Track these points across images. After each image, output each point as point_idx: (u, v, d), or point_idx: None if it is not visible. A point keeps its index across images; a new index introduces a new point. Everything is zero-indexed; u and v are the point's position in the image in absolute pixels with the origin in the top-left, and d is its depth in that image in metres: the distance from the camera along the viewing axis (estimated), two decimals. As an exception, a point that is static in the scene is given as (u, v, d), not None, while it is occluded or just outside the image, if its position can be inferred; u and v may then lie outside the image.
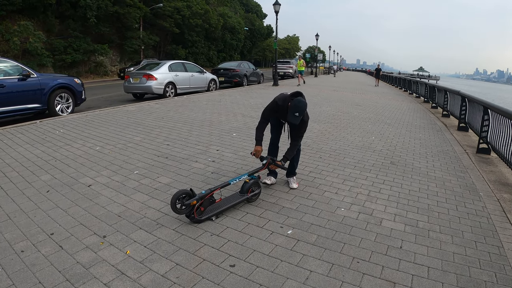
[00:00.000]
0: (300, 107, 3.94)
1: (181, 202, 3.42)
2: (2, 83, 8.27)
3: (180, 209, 3.43)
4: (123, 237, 3.24)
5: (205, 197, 3.51)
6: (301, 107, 3.94)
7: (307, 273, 2.77)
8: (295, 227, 3.52)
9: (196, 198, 3.44)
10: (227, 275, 2.71)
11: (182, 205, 3.43)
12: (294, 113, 3.91)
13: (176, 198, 3.36)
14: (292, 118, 3.93)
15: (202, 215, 3.52)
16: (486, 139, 7.28)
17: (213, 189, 3.63)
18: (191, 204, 3.41)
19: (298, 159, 4.66)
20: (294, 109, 3.92)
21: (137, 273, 2.72)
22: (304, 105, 3.98)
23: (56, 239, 3.20)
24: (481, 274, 2.88)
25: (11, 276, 2.66)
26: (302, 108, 3.94)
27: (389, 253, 3.12)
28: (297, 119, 3.94)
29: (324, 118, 10.22)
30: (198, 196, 3.47)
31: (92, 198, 4.09)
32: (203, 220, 3.52)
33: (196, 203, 3.44)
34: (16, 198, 4.07)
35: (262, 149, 4.27)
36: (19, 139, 6.74)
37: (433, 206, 4.22)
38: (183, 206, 3.43)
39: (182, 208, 3.44)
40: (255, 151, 4.24)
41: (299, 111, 3.91)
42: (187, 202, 3.41)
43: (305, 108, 3.99)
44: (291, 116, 3.91)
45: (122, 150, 6.07)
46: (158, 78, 13.84)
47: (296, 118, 3.92)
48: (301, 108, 3.94)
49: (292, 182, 4.58)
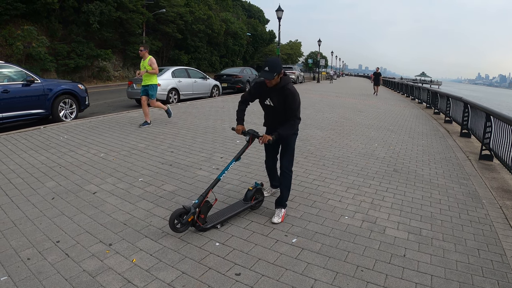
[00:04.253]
0: (269, 60, 3.61)
1: (180, 221, 3.39)
2: (6, 88, 8.36)
3: (180, 228, 3.41)
4: (129, 245, 3.28)
5: (200, 205, 3.45)
6: (270, 60, 3.60)
7: (312, 282, 2.81)
8: (299, 236, 3.56)
9: (192, 212, 3.39)
10: (232, 284, 2.75)
11: (181, 224, 3.40)
12: (264, 68, 3.57)
13: (173, 220, 3.33)
14: (263, 73, 3.57)
15: (207, 224, 3.55)
16: (488, 146, 7.31)
17: (205, 194, 3.50)
18: (189, 221, 3.40)
19: (288, 185, 4.02)
20: (264, 64, 3.59)
21: (144, 281, 2.75)
22: (274, 59, 3.63)
23: (62, 246, 3.23)
24: (483, 282, 2.91)
25: (17, 283, 2.68)
26: (272, 61, 3.60)
27: (392, 262, 3.15)
28: (268, 75, 3.53)
29: (327, 124, 10.27)
30: (192, 208, 3.41)
31: (97, 206, 4.12)
32: (208, 228, 3.55)
33: (193, 218, 3.41)
34: (21, 205, 4.10)
35: (243, 128, 3.96)
36: (23, 145, 6.80)
37: (436, 214, 4.25)
38: (181, 225, 3.41)
39: (181, 227, 3.41)
40: (236, 130, 3.97)
41: (268, 65, 3.55)
42: (184, 221, 3.38)
43: (277, 62, 3.61)
44: (263, 72, 3.57)
45: (126, 157, 6.12)
46: (161, 84, 13.88)
47: (267, 73, 3.54)
48: (270, 62, 3.59)
49: (275, 216, 3.92)
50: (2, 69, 8.66)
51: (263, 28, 74.05)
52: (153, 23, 37.66)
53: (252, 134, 3.86)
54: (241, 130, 3.93)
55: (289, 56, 77.55)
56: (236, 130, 3.96)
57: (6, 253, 3.10)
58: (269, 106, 3.88)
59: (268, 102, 3.87)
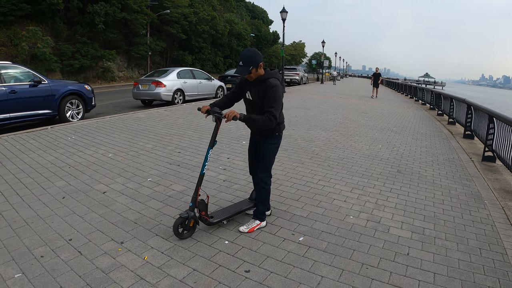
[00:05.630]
0: (243, 54, 3.33)
1: (184, 228, 3.45)
2: (14, 89, 8.47)
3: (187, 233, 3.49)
4: (140, 243, 3.36)
5: (195, 207, 3.47)
6: (244, 54, 3.33)
7: (319, 279, 2.90)
8: (306, 234, 3.66)
9: (192, 216, 3.44)
10: (242, 280, 2.85)
11: (185, 230, 3.46)
12: (239, 62, 3.33)
13: (177, 229, 3.40)
14: (238, 68, 3.33)
15: (214, 219, 3.61)
16: (491, 147, 7.38)
17: (195, 195, 3.46)
18: (191, 225, 3.47)
19: (262, 199, 3.74)
20: (239, 59, 3.34)
21: (156, 278, 2.83)
22: (249, 52, 3.34)
23: (74, 244, 3.30)
24: (485, 280, 3.00)
25: (32, 280, 2.75)
26: (245, 54, 3.32)
27: (396, 260, 3.24)
28: (243, 69, 3.27)
29: (331, 126, 10.37)
30: (190, 213, 3.44)
31: (108, 205, 4.21)
32: (215, 223, 3.61)
33: (194, 221, 3.48)
34: (32, 204, 4.18)
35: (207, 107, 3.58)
36: (31, 145, 6.90)
37: (439, 214, 4.34)
38: (186, 231, 3.48)
39: (187, 232, 3.49)
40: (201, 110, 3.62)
41: (242, 59, 3.29)
42: (187, 227, 3.46)
43: (252, 55, 3.31)
44: (238, 67, 3.33)
45: (135, 157, 6.22)
46: (167, 85, 14.05)
47: (241, 68, 3.29)
48: (244, 55, 3.31)
49: (244, 224, 3.77)
50: (10, 70, 8.76)
51: (267, 29, 74.18)
52: (158, 23, 37.83)
53: (215, 115, 3.49)
54: (205, 109, 3.56)
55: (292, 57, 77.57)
56: (202, 109, 3.59)
57: (19, 251, 3.18)
58: (249, 100, 3.58)
59: (247, 96, 3.56)
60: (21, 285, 2.69)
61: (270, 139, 3.59)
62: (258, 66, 3.30)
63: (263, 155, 3.62)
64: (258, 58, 3.29)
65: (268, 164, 3.67)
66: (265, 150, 3.59)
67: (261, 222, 3.77)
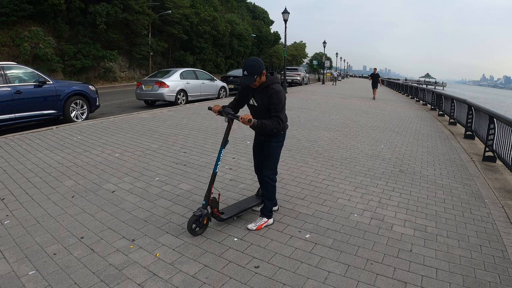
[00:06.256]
0: (247, 63, 3.45)
1: (197, 225, 3.55)
2: (19, 89, 8.55)
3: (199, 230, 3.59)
4: (151, 241, 3.46)
5: (208, 204, 3.58)
6: (248, 63, 3.45)
7: (326, 274, 3.02)
8: (312, 232, 3.77)
9: (205, 214, 3.55)
10: (252, 275, 2.96)
11: (198, 227, 3.57)
12: (243, 72, 3.46)
13: (191, 226, 3.52)
14: (243, 78, 3.47)
15: (225, 215, 3.73)
16: (492, 148, 7.48)
17: (208, 194, 3.57)
18: (204, 223, 3.59)
19: (269, 196, 3.87)
20: (243, 69, 3.47)
21: (169, 274, 2.93)
22: (252, 61, 3.45)
23: (86, 242, 3.37)
24: (485, 275, 3.11)
25: (46, 277, 2.81)
26: (249, 64, 3.44)
27: (400, 256, 3.36)
28: (249, 79, 3.43)
29: (333, 126, 10.48)
30: (203, 211, 3.54)
31: (117, 204, 4.30)
32: (225, 219, 3.73)
33: (207, 219, 3.60)
34: (42, 203, 4.25)
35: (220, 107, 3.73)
36: (37, 145, 6.98)
37: (441, 212, 4.46)
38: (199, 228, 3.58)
39: (200, 229, 3.59)
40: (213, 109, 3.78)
41: (246, 69, 3.43)
42: (201, 224, 3.57)
43: (255, 64, 3.43)
44: (243, 77, 3.46)
45: (141, 157, 6.32)
46: (170, 86, 14.15)
47: (246, 78, 3.44)
48: (248, 65, 3.44)
49: (252, 222, 3.91)
50: (15, 70, 8.84)
51: (268, 29, 74.23)
52: (159, 24, 37.92)
53: (228, 116, 3.63)
54: (218, 109, 3.71)
55: (293, 57, 77.62)
56: (213, 108, 3.75)
57: (31, 248, 3.24)
58: (254, 106, 3.70)
59: (252, 102, 3.70)
60: (36, 282, 2.76)
61: (275, 138, 3.75)
62: (261, 74, 3.46)
63: (269, 153, 3.77)
64: (261, 67, 3.44)
65: (274, 162, 3.82)
66: (271, 148, 3.75)
67: (268, 219, 3.89)
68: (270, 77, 3.56)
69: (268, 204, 3.87)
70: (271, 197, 3.87)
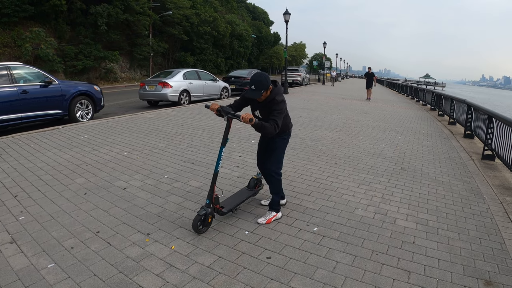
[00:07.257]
0: (254, 78, 3.56)
1: (202, 224, 3.66)
2: (25, 89, 8.67)
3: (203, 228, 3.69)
4: (166, 234, 3.60)
5: (212, 203, 3.70)
6: (255, 78, 3.56)
7: (334, 263, 3.19)
8: (319, 225, 3.94)
9: (209, 212, 3.64)
10: (265, 265, 3.12)
11: (203, 226, 3.67)
12: (250, 86, 3.56)
13: (197, 226, 3.59)
14: (249, 92, 3.58)
15: (225, 208, 3.85)
16: (490, 146, 7.65)
17: (211, 192, 3.66)
18: (209, 221, 3.70)
19: (276, 190, 4.03)
20: (250, 83, 3.57)
21: (185, 265, 3.08)
22: (259, 76, 3.57)
23: (102, 236, 3.50)
24: (485, 265, 3.29)
25: (65, 270, 2.92)
26: (257, 79, 3.54)
27: (403, 247, 3.54)
28: (255, 93, 3.54)
29: (335, 126, 10.65)
30: (207, 209, 3.64)
31: (130, 200, 4.43)
32: (226, 213, 3.86)
33: (212, 217, 3.72)
34: (55, 200, 4.36)
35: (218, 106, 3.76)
36: (45, 144, 7.09)
37: (441, 208, 4.63)
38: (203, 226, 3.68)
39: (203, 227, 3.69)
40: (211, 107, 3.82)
41: (254, 83, 3.52)
42: (205, 223, 3.67)
43: (263, 79, 3.54)
44: (250, 91, 3.57)
45: (149, 155, 6.46)
46: (173, 86, 14.31)
47: (253, 92, 3.54)
48: (255, 80, 3.55)
49: (262, 216, 4.06)
50: (21, 71, 8.95)
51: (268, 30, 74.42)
52: (160, 25, 38.09)
53: (228, 115, 3.68)
54: (216, 107, 3.74)
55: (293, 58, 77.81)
56: (211, 107, 3.79)
57: (49, 243, 3.35)
58: (258, 118, 3.76)
59: (257, 114, 3.84)
60: (56, 274, 2.87)
61: (281, 135, 3.94)
62: (268, 89, 3.59)
63: (274, 149, 3.95)
64: (268, 82, 3.56)
65: (279, 157, 4.00)
66: (276, 144, 3.94)
67: (277, 213, 4.06)
68: (275, 90, 3.68)
69: (275, 198, 4.04)
70: (277, 190, 4.02)
